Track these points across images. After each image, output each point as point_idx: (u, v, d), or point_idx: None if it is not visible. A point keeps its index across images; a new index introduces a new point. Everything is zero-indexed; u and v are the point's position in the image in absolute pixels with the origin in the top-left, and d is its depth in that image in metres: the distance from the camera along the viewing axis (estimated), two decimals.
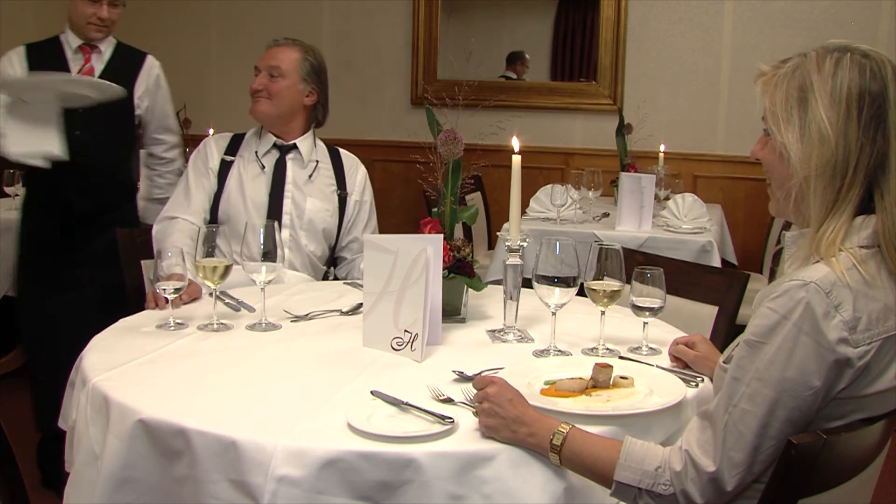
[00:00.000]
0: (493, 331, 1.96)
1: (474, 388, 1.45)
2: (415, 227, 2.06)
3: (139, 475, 1.42)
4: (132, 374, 1.63)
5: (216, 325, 1.94)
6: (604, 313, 1.83)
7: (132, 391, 1.52)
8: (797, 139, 1.30)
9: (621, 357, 1.79)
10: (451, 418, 1.39)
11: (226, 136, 2.74)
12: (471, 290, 2.04)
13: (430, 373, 1.67)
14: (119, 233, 2.62)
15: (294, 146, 2.68)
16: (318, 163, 2.70)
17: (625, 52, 4.90)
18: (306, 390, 1.58)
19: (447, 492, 1.31)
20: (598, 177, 3.77)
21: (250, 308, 2.11)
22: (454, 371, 1.64)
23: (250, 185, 2.62)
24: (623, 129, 4.44)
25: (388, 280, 1.81)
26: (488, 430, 1.37)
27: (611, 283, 1.81)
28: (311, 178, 2.67)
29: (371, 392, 1.52)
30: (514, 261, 1.92)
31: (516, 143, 1.92)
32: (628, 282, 1.83)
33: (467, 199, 4.07)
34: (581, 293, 1.83)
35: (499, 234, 2.47)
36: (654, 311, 1.81)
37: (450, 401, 1.50)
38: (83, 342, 1.81)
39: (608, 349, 1.84)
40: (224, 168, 2.64)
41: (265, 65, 2.64)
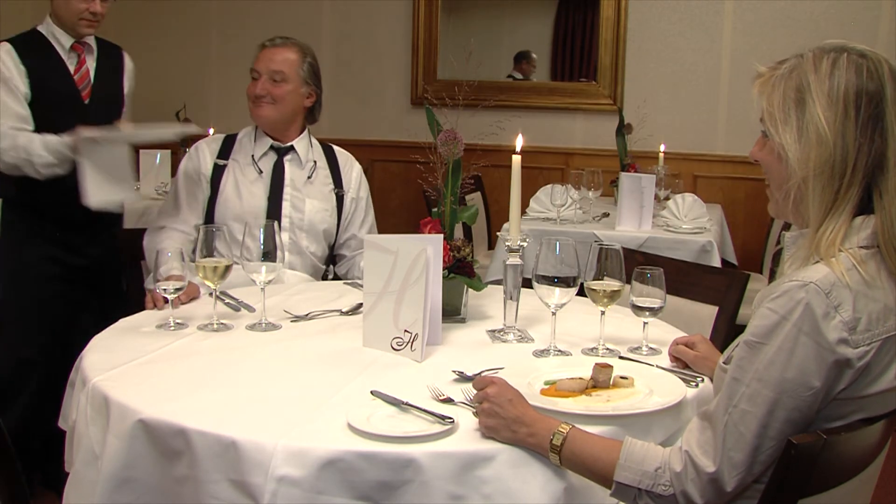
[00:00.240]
0: (493, 331, 1.96)
1: (474, 389, 1.45)
2: (415, 228, 2.06)
3: (139, 475, 1.42)
4: (132, 374, 1.63)
5: (216, 325, 1.94)
6: (604, 313, 1.83)
7: (132, 391, 1.52)
8: (795, 140, 1.30)
9: (621, 357, 1.79)
10: (451, 418, 1.39)
11: (217, 138, 2.70)
12: (471, 290, 2.04)
13: (430, 373, 1.67)
14: (119, 233, 2.61)
15: (291, 147, 2.67)
16: (315, 163, 2.70)
17: (625, 52, 4.89)
18: (306, 390, 1.58)
19: (447, 492, 1.31)
20: (598, 177, 3.77)
21: (250, 308, 2.10)
22: (454, 371, 1.64)
23: (247, 189, 2.60)
24: (623, 129, 4.43)
25: (388, 280, 1.81)
26: (488, 430, 1.37)
27: (611, 283, 1.81)
28: (310, 178, 2.67)
29: (371, 392, 1.52)
30: (514, 261, 1.92)
31: (520, 142, 1.91)
32: (628, 282, 1.83)
33: (467, 199, 4.06)
34: (581, 293, 1.83)
35: (499, 234, 2.47)
36: (654, 311, 1.81)
37: (450, 401, 1.50)
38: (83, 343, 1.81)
39: (608, 349, 1.84)
40: (217, 172, 2.61)
41: (266, 69, 2.60)
